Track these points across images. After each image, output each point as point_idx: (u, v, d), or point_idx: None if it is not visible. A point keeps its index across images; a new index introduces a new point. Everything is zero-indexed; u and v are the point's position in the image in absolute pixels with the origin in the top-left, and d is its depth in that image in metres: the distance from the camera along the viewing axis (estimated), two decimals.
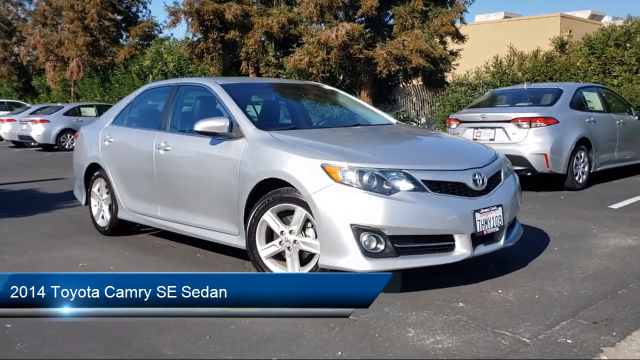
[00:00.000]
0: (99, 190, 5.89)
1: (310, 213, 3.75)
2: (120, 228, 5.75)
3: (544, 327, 3.13)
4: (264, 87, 5.34)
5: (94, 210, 5.98)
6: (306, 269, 3.85)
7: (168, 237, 5.64)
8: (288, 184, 3.86)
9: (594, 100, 8.82)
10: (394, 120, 5.14)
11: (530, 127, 7.68)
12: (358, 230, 3.51)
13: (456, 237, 3.66)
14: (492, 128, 7.95)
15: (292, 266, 3.89)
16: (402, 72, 15.79)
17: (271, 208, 3.94)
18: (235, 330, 3.22)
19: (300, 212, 3.81)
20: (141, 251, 5.16)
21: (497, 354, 2.82)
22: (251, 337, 3.10)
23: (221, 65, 19.58)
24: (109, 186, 5.67)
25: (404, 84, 17.46)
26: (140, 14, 27.40)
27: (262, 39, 18.18)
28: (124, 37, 27.26)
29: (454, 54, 15.87)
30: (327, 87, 5.66)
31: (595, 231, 5.46)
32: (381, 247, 3.53)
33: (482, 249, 3.79)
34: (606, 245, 4.91)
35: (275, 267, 3.99)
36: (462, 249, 3.67)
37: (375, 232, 3.51)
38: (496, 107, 8.62)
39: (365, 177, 3.57)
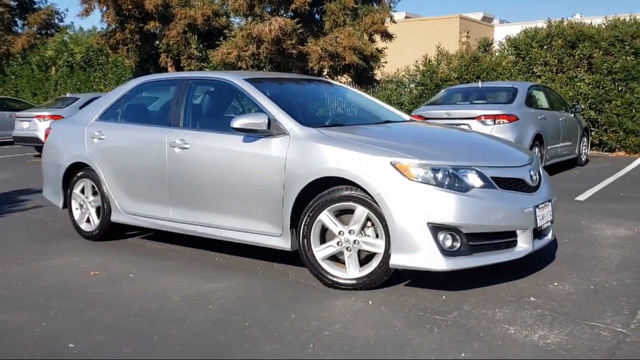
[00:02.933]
0: (82, 191, 5.40)
1: (373, 212, 3.66)
2: (110, 232, 5.31)
3: (626, 316, 3.27)
4: (286, 82, 5.12)
5: (76, 214, 5.48)
6: (366, 270, 3.75)
7: (163, 240, 5.31)
8: (347, 183, 3.74)
9: (541, 98, 9.36)
10: (407, 117, 5.15)
11: (495, 123, 8.01)
12: (435, 228, 3.47)
13: (519, 232, 3.72)
14: (457, 125, 8.18)
15: (352, 267, 3.78)
16: (332, 68, 15.86)
17: (328, 208, 3.79)
18: (332, 336, 3.07)
19: (361, 211, 3.70)
20: (146, 256, 4.80)
21: (607, 344, 2.90)
22: (356, 342, 2.98)
23: (137, 57, 18.65)
24: (98, 187, 5.21)
25: (332, 80, 17.56)
26: (37, 1, 25.43)
27: (185, 30, 17.51)
28: (20, 25, 25.19)
29: (380, 51, 16.18)
30: (335, 82, 5.54)
31: (584, 222, 5.78)
32: (457, 245, 3.51)
33: (538, 244, 3.89)
34: (607, 236, 5.22)
35: (331, 269, 3.85)
36: (524, 245, 3.74)
37: (452, 230, 3.49)
38: (459, 105, 8.89)
39: (440, 175, 3.54)
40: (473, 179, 3.60)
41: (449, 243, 3.51)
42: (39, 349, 3.02)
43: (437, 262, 3.48)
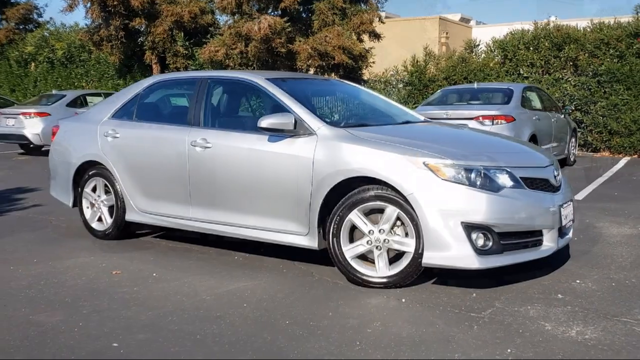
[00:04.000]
0: (94, 190, 5.35)
1: (403, 211, 3.71)
2: (123, 231, 5.28)
3: None
4: (305, 81, 5.15)
5: (87, 213, 5.42)
6: (396, 269, 3.81)
7: (176, 239, 5.29)
8: (376, 182, 3.79)
9: (534, 99, 9.55)
10: (422, 117, 5.22)
11: (493, 124, 8.14)
12: (469, 227, 3.54)
13: (545, 231, 3.81)
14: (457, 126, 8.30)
15: (382, 266, 3.83)
16: (320, 67, 15.90)
17: (358, 207, 3.84)
18: (376, 334, 3.12)
19: (391, 211, 3.75)
20: (165, 256, 4.79)
21: None
22: (401, 340, 3.03)
23: (122, 54, 18.42)
24: (111, 185, 5.17)
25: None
26: None
27: (171, 27, 17.36)
28: None
29: (368, 51, 16.27)
30: (350, 82, 5.59)
31: (588, 222, 5.93)
32: (489, 244, 3.59)
33: (561, 242, 4.00)
34: (613, 234, 5.37)
35: (360, 268, 3.90)
36: (549, 243, 3.84)
37: (485, 229, 3.56)
38: (456, 105, 9.02)
39: (472, 175, 3.61)
40: (504, 179, 3.68)
41: (481, 242, 3.58)
42: (83, 348, 3.01)
43: (471, 261, 3.55)
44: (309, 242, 4.11)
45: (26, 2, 24.26)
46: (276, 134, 4.19)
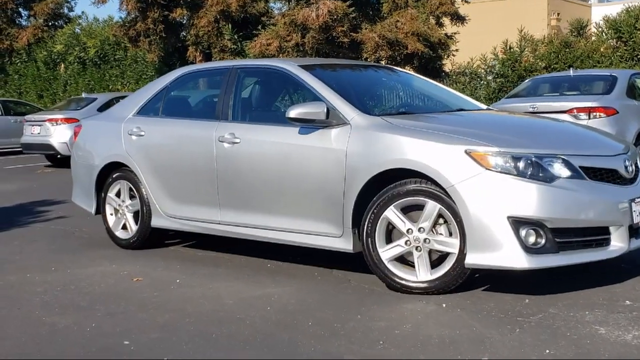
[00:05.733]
0: (118, 195, 5.99)
1: (445, 207, 4.08)
2: (149, 240, 5.88)
3: None
4: (342, 68, 5.64)
5: (110, 220, 6.07)
6: (439, 272, 4.17)
7: (207, 248, 5.83)
8: (416, 175, 4.18)
9: None
10: (484, 106, 5.56)
11: (589, 118, 8.31)
12: (516, 223, 3.87)
13: (612, 229, 4.07)
14: None
15: (422, 269, 4.20)
16: (391, 58, 16.33)
17: (395, 203, 4.24)
18: (404, 335, 3.51)
19: (432, 207, 4.13)
20: (192, 263, 5.34)
21: None
22: (430, 340, 3.40)
23: (161, 51, 19.58)
24: (136, 189, 5.79)
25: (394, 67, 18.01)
26: None
27: (217, 19, 18.32)
28: (25, 17, 26.68)
29: (450, 37, 16.59)
30: (398, 68, 6.02)
31: None
32: (541, 241, 3.90)
33: (635, 243, 4.21)
34: None
35: (399, 271, 4.28)
36: (618, 243, 4.09)
37: (536, 224, 3.88)
38: (546, 97, 9.23)
39: (521, 164, 3.94)
40: (559, 169, 3.98)
41: (532, 239, 3.90)
42: (93, 345, 3.56)
43: (519, 260, 3.87)
44: (343, 244, 4.53)
45: None
46: (307, 125, 4.66)
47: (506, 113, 5.43)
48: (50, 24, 25.96)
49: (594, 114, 8.33)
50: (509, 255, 3.89)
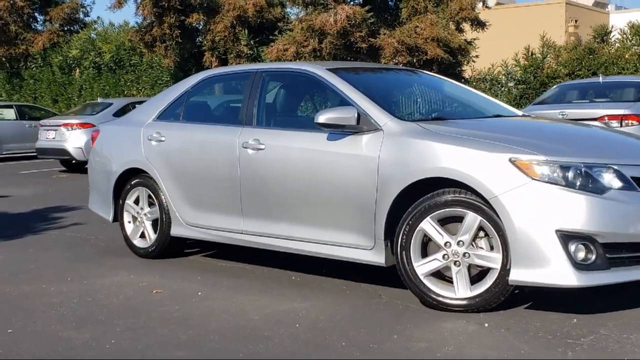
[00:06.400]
0: (136, 202, 5.79)
1: (486, 219, 3.83)
2: (168, 249, 5.67)
3: None
4: (371, 71, 5.42)
5: (128, 228, 5.87)
6: (479, 289, 3.91)
7: (228, 258, 5.62)
8: (454, 184, 3.94)
9: None
10: (519, 112, 5.31)
11: (621, 125, 8.03)
12: (565, 237, 3.62)
13: None
14: None
15: (461, 285, 3.95)
16: (410, 64, 16.10)
17: (432, 214, 4.00)
18: (446, 358, 3.26)
19: (472, 219, 3.88)
20: (214, 274, 5.11)
21: None
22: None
23: (177, 57, 19.45)
24: (155, 196, 5.58)
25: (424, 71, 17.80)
26: None
27: (233, 24, 18.17)
28: (40, 21, 26.66)
29: (469, 43, 16.34)
30: (427, 72, 5.79)
31: None
32: (592, 257, 3.64)
33: None
34: None
35: (435, 287, 4.04)
36: None
37: (586, 239, 3.63)
38: (575, 104, 8.98)
39: (570, 174, 3.69)
40: (610, 179, 3.73)
41: (582, 255, 3.64)
42: None
43: (568, 277, 3.62)
44: (375, 257, 4.29)
45: (71, 0, 26.09)
46: (336, 130, 4.43)
47: (547, 120, 5.17)
48: (65, 28, 25.89)
49: (626, 121, 8.06)
50: (557, 271, 3.63)
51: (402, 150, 4.15)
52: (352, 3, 16.67)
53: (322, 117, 4.37)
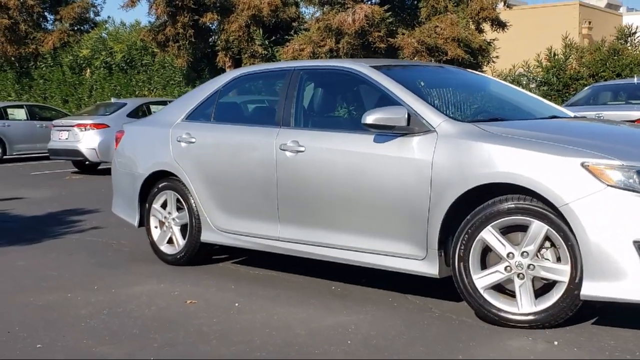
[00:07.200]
0: (164, 206, 5.52)
1: (554, 228, 3.55)
2: (198, 255, 5.40)
3: None
4: (415, 69, 5.15)
5: (155, 234, 5.60)
6: (545, 303, 3.63)
7: (258, 266, 5.36)
8: (518, 190, 3.66)
9: None
10: (571, 113, 5.03)
11: None
12: None
13: None
14: None
15: (525, 299, 3.67)
16: None
17: (493, 223, 3.72)
18: None
19: (538, 228, 3.61)
20: (248, 283, 4.85)
21: None
22: None
23: (190, 56, 19.20)
24: (184, 200, 5.31)
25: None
26: None
27: (248, 24, 17.92)
28: (51, 21, 26.49)
29: (489, 43, 16.08)
30: (469, 70, 5.52)
31: None
32: None
33: None
34: None
35: (496, 302, 3.76)
36: None
37: None
38: (610, 105, 8.71)
39: None
40: None
41: None
42: None
43: None
44: (427, 268, 4.02)
45: (82, 0, 25.89)
46: (384, 132, 4.16)
47: (611, 122, 4.89)
48: (76, 28, 25.71)
49: None
50: (635, 286, 3.35)
51: (460, 154, 3.87)
52: (370, 2, 16.42)
53: (371, 118, 4.09)
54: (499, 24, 15.71)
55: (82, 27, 25.92)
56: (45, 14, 26.55)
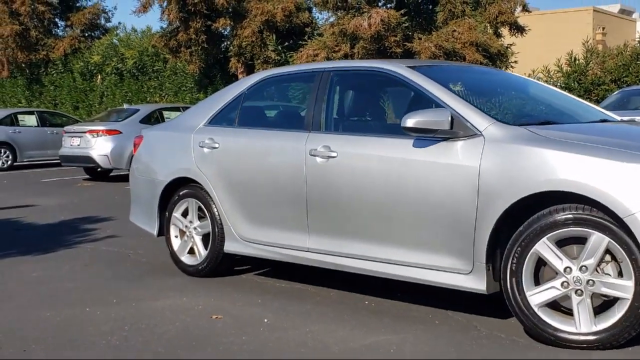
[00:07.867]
0: (185, 215, 5.25)
1: (616, 240, 3.27)
2: (220, 267, 5.14)
3: None
4: (454, 70, 4.88)
5: (175, 243, 5.34)
6: (606, 322, 3.34)
7: (284, 278, 5.09)
8: (575, 199, 3.38)
9: None
10: (617, 117, 4.75)
11: None
12: None
13: None
14: None
15: (584, 318, 3.37)
16: None
17: (549, 235, 3.42)
18: None
19: (598, 240, 3.32)
20: (276, 298, 4.57)
21: None
22: None
23: (202, 62, 18.99)
24: (207, 208, 5.05)
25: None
26: None
27: (261, 29, 17.69)
28: (61, 27, 26.36)
29: (508, 48, 15.80)
30: (514, 73, 5.24)
31: None
32: None
33: None
34: None
35: (552, 320, 3.46)
36: None
37: None
38: None
39: None
40: None
41: None
42: None
43: None
44: (474, 283, 3.73)
45: (93, 6, 25.78)
46: (424, 136, 3.88)
47: None
48: (87, 34, 25.59)
49: None
50: None
51: (510, 160, 3.58)
52: (386, 7, 16.16)
53: (411, 121, 3.82)
54: (518, 29, 15.43)
55: (93, 33, 25.79)
56: (56, 20, 26.46)
